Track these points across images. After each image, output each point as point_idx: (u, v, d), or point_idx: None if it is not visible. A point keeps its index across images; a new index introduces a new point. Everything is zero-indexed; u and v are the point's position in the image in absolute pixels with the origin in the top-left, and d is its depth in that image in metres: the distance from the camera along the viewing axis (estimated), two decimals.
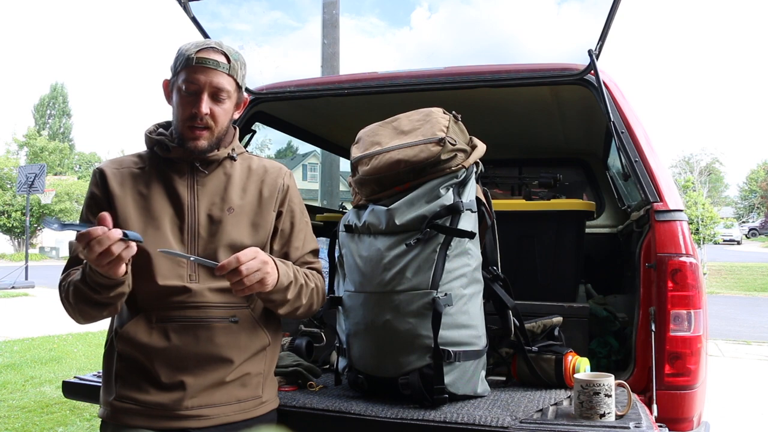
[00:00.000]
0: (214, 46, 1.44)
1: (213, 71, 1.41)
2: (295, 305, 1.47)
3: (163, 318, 1.39)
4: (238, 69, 1.46)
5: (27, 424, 3.79)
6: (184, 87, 1.41)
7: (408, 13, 65.48)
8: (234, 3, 4.70)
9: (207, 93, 1.41)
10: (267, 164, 1.59)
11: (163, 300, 1.38)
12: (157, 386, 1.37)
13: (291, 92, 2.61)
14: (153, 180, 1.46)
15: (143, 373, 1.38)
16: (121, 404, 1.38)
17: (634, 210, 2.29)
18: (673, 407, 1.79)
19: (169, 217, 1.43)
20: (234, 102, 1.48)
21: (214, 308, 1.40)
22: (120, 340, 1.40)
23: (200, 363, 1.38)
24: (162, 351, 1.37)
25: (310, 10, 16.48)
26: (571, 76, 2.21)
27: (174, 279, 1.38)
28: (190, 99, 1.41)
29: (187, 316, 1.38)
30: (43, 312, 9.62)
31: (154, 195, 1.44)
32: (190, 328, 1.38)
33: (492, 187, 2.89)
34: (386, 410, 1.56)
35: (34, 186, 13.80)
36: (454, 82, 2.37)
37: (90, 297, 1.30)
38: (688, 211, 19.82)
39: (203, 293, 1.39)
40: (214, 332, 1.39)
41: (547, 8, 39.82)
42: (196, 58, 1.40)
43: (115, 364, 1.41)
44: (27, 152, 34.60)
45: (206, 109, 1.41)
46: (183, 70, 1.41)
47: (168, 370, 1.37)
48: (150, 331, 1.38)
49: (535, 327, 1.91)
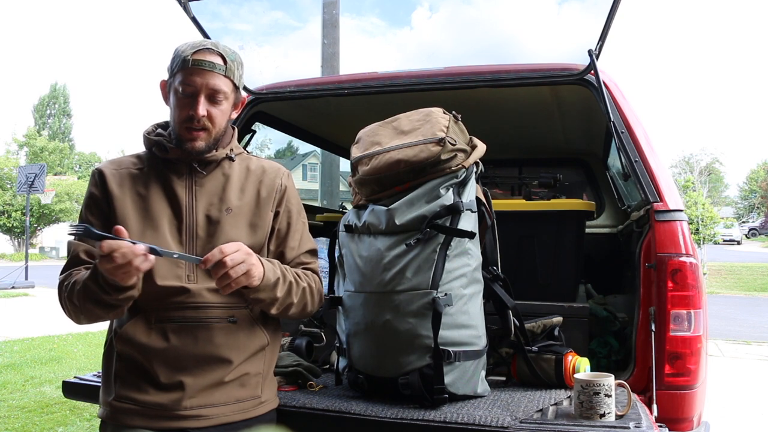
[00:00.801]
0: (210, 47, 1.43)
1: (209, 73, 1.40)
2: (285, 303, 1.45)
3: (162, 318, 1.39)
4: (234, 70, 1.45)
5: (27, 424, 3.79)
6: (181, 89, 1.41)
7: (409, 12, 65.52)
8: (235, 3, 4.71)
9: (204, 95, 1.41)
10: (265, 164, 1.59)
11: (161, 301, 1.38)
12: (156, 386, 1.37)
13: (291, 92, 2.61)
14: (151, 180, 1.46)
15: (142, 374, 1.38)
16: (120, 404, 1.38)
17: (634, 210, 2.30)
18: (673, 407, 1.79)
19: (167, 218, 1.43)
20: (231, 103, 1.48)
21: (213, 308, 1.40)
22: (119, 341, 1.40)
23: (199, 363, 1.38)
24: (161, 351, 1.37)
25: (311, 10, 16.49)
26: (571, 76, 2.21)
27: (172, 279, 1.38)
28: (187, 101, 1.41)
29: (185, 316, 1.39)
30: (43, 312, 9.62)
31: (153, 195, 1.44)
32: (189, 329, 1.38)
33: (492, 187, 2.89)
34: (386, 410, 1.56)
35: (34, 186, 13.80)
36: (454, 82, 2.37)
37: (99, 298, 1.30)
38: (688, 211, 19.82)
39: (202, 293, 1.39)
40: (212, 332, 1.39)
41: (547, 8, 39.87)
42: (192, 60, 1.40)
43: (115, 365, 1.41)
44: (27, 152, 34.61)
45: (203, 111, 1.40)
46: (179, 72, 1.41)
47: (167, 370, 1.37)
48: (149, 332, 1.38)
49: (535, 327, 1.91)
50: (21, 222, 26.97)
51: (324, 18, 6.49)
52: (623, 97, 2.17)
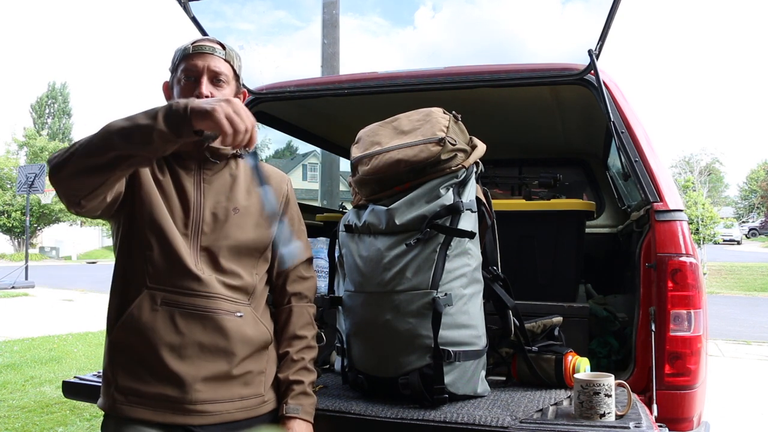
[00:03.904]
0: (208, 38, 1.50)
1: (210, 56, 1.46)
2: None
3: (169, 302, 1.36)
4: (234, 57, 1.51)
5: (27, 424, 3.79)
6: (183, 75, 1.45)
7: (412, 12, 65.54)
8: (235, 2, 4.71)
9: (206, 77, 1.45)
10: (269, 170, 1.60)
11: (172, 279, 1.36)
12: (160, 376, 1.35)
13: (291, 92, 2.62)
14: (164, 172, 1.46)
15: (145, 363, 1.36)
16: (122, 396, 1.37)
17: (634, 210, 2.30)
18: (673, 407, 1.79)
19: (176, 210, 1.43)
20: (233, 90, 1.51)
21: (223, 300, 1.39)
22: (122, 327, 1.37)
23: (204, 353, 1.37)
24: (166, 337, 1.35)
25: (314, 10, 16.52)
26: (571, 76, 2.21)
27: (186, 257, 1.38)
28: (190, 85, 1.44)
29: (196, 304, 1.37)
30: (43, 312, 9.63)
31: (166, 186, 1.44)
32: (198, 318, 1.37)
33: (492, 187, 2.89)
34: (386, 410, 1.56)
35: (34, 186, 13.81)
36: (454, 82, 2.37)
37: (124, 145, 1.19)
38: (688, 211, 19.82)
39: (213, 284, 1.38)
40: (220, 324, 1.38)
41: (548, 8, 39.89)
42: (192, 46, 1.46)
43: (117, 353, 1.39)
44: (27, 152, 34.60)
45: (207, 91, 1.43)
46: (181, 62, 1.46)
47: (171, 357, 1.35)
48: (154, 315, 1.36)
49: (535, 327, 1.91)
50: (21, 222, 26.99)
51: (324, 18, 6.50)
52: (623, 97, 2.17)
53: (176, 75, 1.47)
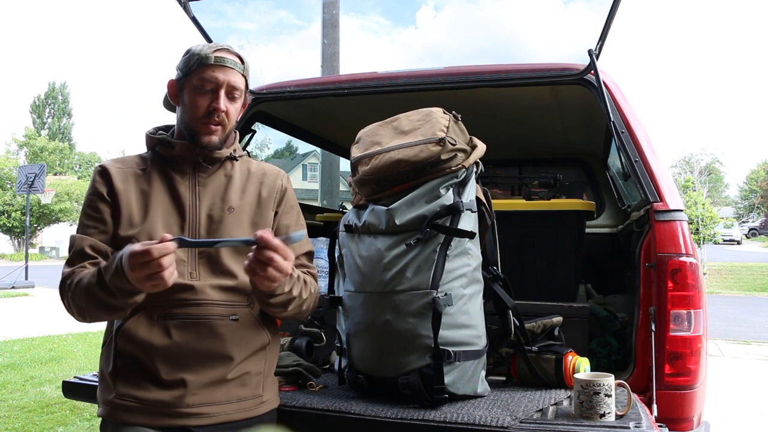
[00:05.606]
0: (227, 48, 1.50)
1: (231, 70, 1.47)
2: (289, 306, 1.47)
3: (164, 315, 1.39)
4: (248, 70, 1.53)
5: (27, 424, 3.79)
6: (201, 84, 1.45)
7: (414, 12, 65.53)
8: (236, 2, 4.71)
9: (224, 91, 1.46)
10: (265, 167, 1.61)
11: (165, 297, 1.38)
12: (158, 383, 1.37)
13: (291, 92, 2.62)
14: (155, 179, 1.47)
15: (144, 371, 1.38)
16: (121, 402, 1.38)
17: (634, 210, 2.30)
18: (673, 407, 1.78)
19: (170, 217, 1.44)
20: (242, 102, 1.53)
21: (216, 306, 1.40)
22: (120, 338, 1.40)
23: (201, 360, 1.38)
24: (163, 348, 1.37)
25: (314, 9, 16.53)
26: (571, 76, 2.21)
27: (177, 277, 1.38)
28: (207, 96, 1.45)
29: (188, 313, 1.39)
30: (43, 312, 9.63)
31: (156, 194, 1.45)
32: (192, 326, 1.38)
33: (492, 187, 2.89)
34: (386, 410, 1.56)
35: (34, 186, 13.80)
36: (454, 82, 2.37)
37: (106, 301, 1.30)
38: (688, 211, 19.80)
39: (205, 290, 1.40)
40: (215, 330, 1.39)
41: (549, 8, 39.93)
42: (214, 57, 1.45)
43: (116, 362, 1.41)
44: (27, 152, 34.61)
45: (223, 105, 1.45)
46: (198, 69, 1.45)
47: (168, 367, 1.37)
48: (151, 328, 1.38)
49: (535, 327, 1.91)
50: (21, 222, 26.98)
51: (324, 18, 6.50)
52: (623, 97, 2.17)
53: (190, 79, 1.46)
